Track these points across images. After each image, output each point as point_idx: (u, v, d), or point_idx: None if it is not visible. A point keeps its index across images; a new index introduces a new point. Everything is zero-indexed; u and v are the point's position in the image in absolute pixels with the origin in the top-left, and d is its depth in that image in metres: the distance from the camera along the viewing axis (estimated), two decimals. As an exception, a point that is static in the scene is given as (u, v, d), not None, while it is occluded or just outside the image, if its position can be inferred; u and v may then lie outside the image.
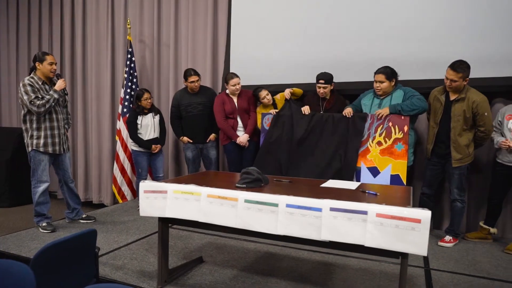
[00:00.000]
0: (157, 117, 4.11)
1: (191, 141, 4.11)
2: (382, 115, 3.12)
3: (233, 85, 3.80)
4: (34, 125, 3.27)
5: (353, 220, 1.71)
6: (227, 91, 3.91)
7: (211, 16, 4.52)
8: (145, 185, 2.22)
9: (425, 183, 3.30)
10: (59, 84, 3.29)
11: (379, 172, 3.16)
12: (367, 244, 1.69)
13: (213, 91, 4.27)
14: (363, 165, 3.21)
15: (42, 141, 3.28)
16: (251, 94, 3.91)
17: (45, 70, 3.27)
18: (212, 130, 4.14)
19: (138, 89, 4.70)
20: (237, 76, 3.84)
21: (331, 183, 2.38)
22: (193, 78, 3.97)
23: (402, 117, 3.08)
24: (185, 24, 4.71)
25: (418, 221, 1.61)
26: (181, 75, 4.70)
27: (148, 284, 2.33)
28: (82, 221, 3.65)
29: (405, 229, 1.63)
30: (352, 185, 2.32)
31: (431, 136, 3.20)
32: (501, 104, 3.37)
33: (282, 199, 1.85)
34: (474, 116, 2.97)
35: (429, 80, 3.46)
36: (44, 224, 3.37)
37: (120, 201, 4.72)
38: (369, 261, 2.79)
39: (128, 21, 4.71)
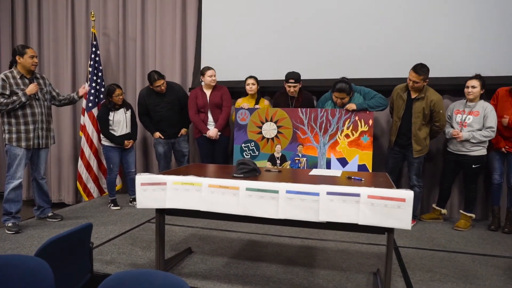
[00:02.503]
0: (128, 112, 4.06)
1: (163, 137, 4.12)
2: (349, 110, 3.42)
3: (210, 76, 3.89)
4: (7, 119, 3.18)
5: (347, 202, 1.93)
6: (203, 83, 3.99)
7: (180, 8, 4.53)
8: (142, 177, 2.27)
9: (387, 170, 3.66)
10: (30, 89, 3.20)
11: (348, 163, 3.45)
12: (360, 223, 1.92)
13: (179, 86, 4.27)
14: (333, 156, 3.48)
15: (14, 135, 3.18)
16: (225, 90, 4.01)
17: (26, 63, 3.19)
18: (182, 125, 4.18)
19: (103, 83, 4.61)
20: (213, 69, 3.94)
21: (316, 172, 2.59)
22: (159, 82, 3.91)
23: (367, 112, 3.40)
24: (152, 17, 4.67)
25: (403, 200, 1.87)
26: (148, 70, 4.67)
27: (144, 275, 2.38)
28: (49, 219, 3.54)
29: (392, 208, 1.88)
30: (335, 173, 2.55)
31: (394, 129, 3.56)
32: (448, 101, 3.83)
33: (282, 186, 2.02)
34: (431, 113, 3.36)
35: (390, 79, 3.82)
36: (9, 225, 3.22)
37: (86, 198, 4.58)
38: (345, 243, 3.07)
39: (92, 13, 4.56)
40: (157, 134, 4.13)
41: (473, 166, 3.34)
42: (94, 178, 4.60)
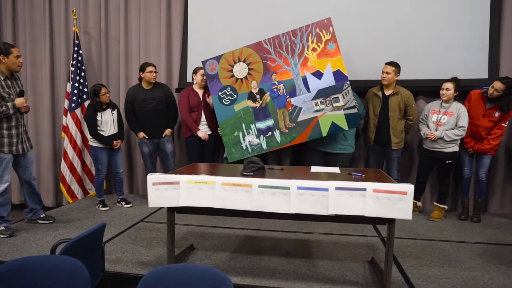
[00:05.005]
0: (115, 112, 4.04)
1: (147, 136, 4.14)
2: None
3: (202, 75, 3.99)
4: None
5: (354, 196, 2.12)
6: (194, 81, 4.07)
7: (165, 8, 4.55)
8: (154, 177, 2.33)
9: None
10: (20, 102, 3.13)
11: (322, 74, 3.59)
12: (366, 215, 2.11)
13: (167, 87, 4.33)
14: (307, 73, 3.61)
15: None
16: None
17: (11, 64, 3.09)
18: (167, 125, 4.22)
19: (86, 83, 4.54)
20: None
21: (316, 169, 2.77)
22: (152, 68, 4.04)
23: (325, 21, 3.54)
24: (136, 16, 4.65)
25: (404, 193, 2.09)
26: (132, 70, 4.69)
27: (155, 272, 2.44)
28: (40, 221, 3.48)
29: (395, 200, 2.09)
30: (335, 170, 2.74)
31: (372, 126, 3.84)
32: (423, 101, 4.16)
33: (294, 183, 2.17)
34: (405, 107, 3.71)
35: (370, 81, 4.09)
36: (1, 228, 3.13)
37: (70, 200, 4.49)
38: (336, 235, 3.28)
39: (74, 11, 4.46)
40: (141, 134, 4.15)
41: (447, 161, 3.67)
42: (78, 179, 4.52)
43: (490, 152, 3.69)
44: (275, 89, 3.66)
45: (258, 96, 3.68)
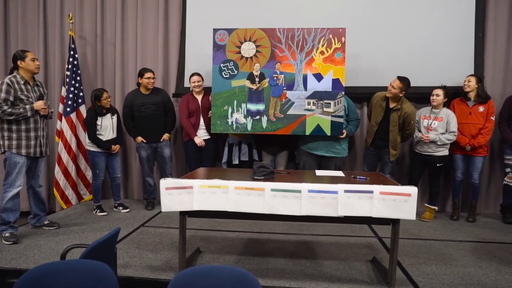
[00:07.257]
0: (115, 117, 4.05)
1: (145, 140, 4.17)
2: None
3: (193, 82, 4.10)
4: (7, 125, 3.08)
5: (362, 198, 2.23)
6: (192, 88, 4.16)
7: (163, 14, 4.58)
8: (167, 182, 2.38)
9: (368, 169, 4.07)
10: (39, 105, 3.16)
11: (323, 77, 3.77)
12: (373, 215, 2.23)
13: (165, 92, 4.38)
14: (309, 72, 3.78)
15: (14, 142, 3.09)
16: None
17: (29, 67, 3.13)
18: (165, 130, 4.26)
19: (82, 87, 4.52)
20: (198, 75, 4.14)
21: (320, 173, 2.88)
22: (150, 74, 4.10)
23: (340, 30, 3.71)
24: (132, 21, 4.66)
25: (409, 195, 2.22)
26: (128, 75, 4.71)
27: (167, 276, 2.48)
28: (45, 227, 3.46)
29: (400, 202, 2.22)
30: (338, 173, 2.86)
31: (371, 132, 3.99)
32: (413, 107, 4.35)
33: (305, 186, 2.27)
34: (404, 122, 3.83)
35: (365, 87, 4.26)
36: (6, 235, 3.09)
37: (64, 206, 4.43)
38: (336, 236, 3.40)
39: (70, 15, 4.44)
40: (139, 138, 4.18)
41: (438, 164, 3.86)
42: (72, 184, 4.47)
43: (482, 153, 3.90)
44: (275, 78, 3.79)
45: (257, 79, 3.80)
